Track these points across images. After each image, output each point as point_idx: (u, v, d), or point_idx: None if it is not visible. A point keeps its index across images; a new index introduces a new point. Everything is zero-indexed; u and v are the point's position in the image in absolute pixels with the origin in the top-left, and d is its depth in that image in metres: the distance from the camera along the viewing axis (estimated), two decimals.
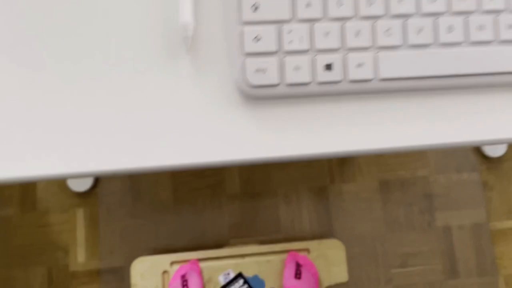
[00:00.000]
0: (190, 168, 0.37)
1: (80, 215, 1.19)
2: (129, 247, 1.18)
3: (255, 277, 1.07)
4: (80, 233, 1.18)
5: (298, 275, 1.02)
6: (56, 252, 1.18)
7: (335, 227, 1.20)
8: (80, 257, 1.17)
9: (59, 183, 1.20)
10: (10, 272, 1.16)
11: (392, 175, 1.23)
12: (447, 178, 1.23)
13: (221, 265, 1.07)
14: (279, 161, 0.37)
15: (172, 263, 1.06)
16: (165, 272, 1.06)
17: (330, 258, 1.08)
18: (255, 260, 1.07)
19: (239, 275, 1.06)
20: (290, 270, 1.03)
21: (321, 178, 1.23)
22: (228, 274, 1.06)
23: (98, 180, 1.21)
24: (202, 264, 1.06)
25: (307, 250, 1.08)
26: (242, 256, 1.08)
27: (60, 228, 1.19)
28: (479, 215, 1.21)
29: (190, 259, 1.06)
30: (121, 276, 1.17)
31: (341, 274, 1.08)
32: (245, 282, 1.06)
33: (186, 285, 1.00)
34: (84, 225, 1.19)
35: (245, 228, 1.20)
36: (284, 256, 1.07)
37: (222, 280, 1.06)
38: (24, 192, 1.20)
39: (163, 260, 1.07)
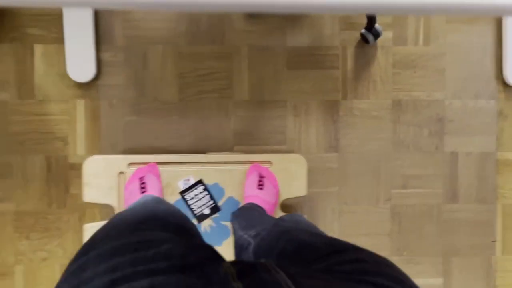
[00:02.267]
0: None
1: (80, 106, 1.18)
2: (129, 143, 1.19)
3: (215, 185, 1.09)
4: (80, 125, 1.18)
5: (260, 185, 1.05)
6: (55, 142, 1.18)
7: (341, 143, 1.21)
8: (79, 150, 1.18)
9: (59, 71, 1.17)
10: (8, 159, 1.17)
11: (407, 95, 1.22)
12: (463, 104, 1.22)
13: (181, 171, 1.08)
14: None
15: (130, 164, 1.07)
16: (121, 173, 1.06)
17: (291, 172, 1.10)
18: (216, 168, 1.09)
19: (199, 182, 1.08)
20: (253, 181, 1.06)
21: (333, 92, 1.21)
22: (188, 180, 1.08)
23: (100, 72, 1.18)
24: (162, 168, 1.07)
25: (269, 162, 1.10)
26: (203, 163, 1.09)
27: (60, 118, 1.18)
28: (489, 143, 1.23)
29: (149, 162, 1.06)
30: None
31: (300, 188, 1.11)
32: (205, 189, 1.08)
33: (144, 187, 1.00)
34: (85, 118, 1.18)
35: (250, 137, 1.21)
36: (245, 167, 1.09)
37: (182, 186, 1.08)
38: (21, 78, 1.17)
39: (120, 161, 1.06)
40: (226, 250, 0.98)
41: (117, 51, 1.18)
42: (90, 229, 1.06)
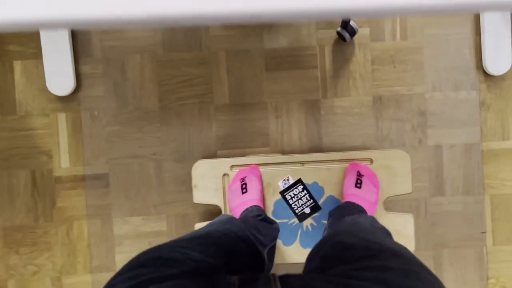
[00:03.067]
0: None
1: (62, 119, 1.20)
2: (113, 153, 1.21)
3: (314, 184, 1.11)
4: (63, 138, 1.20)
5: (358, 184, 1.05)
6: (39, 156, 1.20)
7: (324, 141, 1.23)
8: (63, 163, 1.20)
9: (39, 86, 1.20)
10: None
11: (387, 90, 1.23)
12: (444, 96, 1.23)
13: (280, 171, 1.11)
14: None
15: (232, 166, 1.11)
16: (225, 175, 1.11)
17: (393, 168, 1.09)
18: (315, 168, 1.11)
19: (299, 181, 1.10)
20: (351, 179, 1.06)
21: (313, 91, 1.23)
22: (288, 179, 1.11)
23: (80, 84, 1.20)
24: (262, 169, 1.10)
25: (370, 160, 1.10)
26: (302, 163, 1.11)
27: (42, 133, 1.20)
28: (473, 134, 1.24)
29: (251, 163, 1.11)
30: (106, 182, 1.20)
31: (404, 185, 1.09)
32: (304, 188, 1.10)
33: (245, 188, 1.05)
34: (67, 130, 1.20)
35: (233, 140, 1.22)
36: (345, 165, 1.10)
37: (281, 185, 1.11)
38: (2, 94, 1.19)
39: (224, 164, 1.11)
40: None
41: (96, 62, 1.20)
42: (198, 227, 1.10)
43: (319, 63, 1.22)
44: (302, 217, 1.10)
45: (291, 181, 1.10)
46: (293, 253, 1.10)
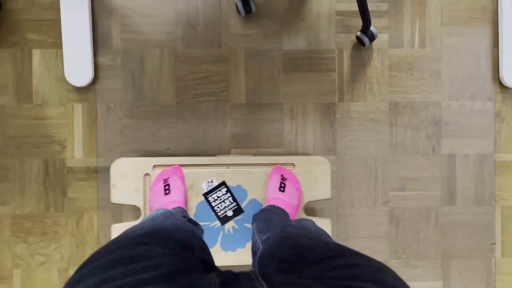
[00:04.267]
0: None
1: (78, 110, 1.21)
2: (127, 146, 1.22)
3: (238, 187, 1.12)
4: (78, 129, 1.21)
5: (282, 188, 1.07)
6: (53, 146, 1.21)
7: (338, 145, 1.24)
8: (77, 153, 1.21)
9: (57, 76, 1.21)
10: (6, 162, 1.21)
11: (403, 97, 1.24)
12: (460, 105, 1.25)
13: (204, 173, 1.11)
14: None
15: (155, 166, 1.11)
16: (146, 174, 1.10)
17: (314, 174, 1.13)
18: (239, 171, 1.12)
19: (223, 184, 1.11)
20: (275, 183, 1.08)
21: (330, 95, 1.24)
22: (212, 182, 1.12)
23: (97, 76, 1.21)
24: (185, 170, 1.11)
25: (292, 164, 1.13)
26: (226, 165, 1.12)
27: (57, 122, 1.21)
28: (486, 145, 1.25)
29: (173, 164, 1.10)
30: None
31: (324, 190, 1.13)
32: (228, 190, 1.11)
33: (169, 189, 1.04)
34: (82, 121, 1.21)
35: (247, 140, 1.24)
36: (268, 169, 1.12)
37: (205, 187, 1.11)
38: (19, 82, 1.21)
39: (145, 163, 1.11)
40: (249, 253, 1.00)
41: (114, 55, 1.22)
42: (117, 228, 1.09)
43: (336, 67, 1.24)
44: (224, 220, 1.11)
45: (215, 183, 1.11)
46: (213, 256, 1.09)
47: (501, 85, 1.25)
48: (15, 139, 1.21)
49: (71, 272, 1.22)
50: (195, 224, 0.98)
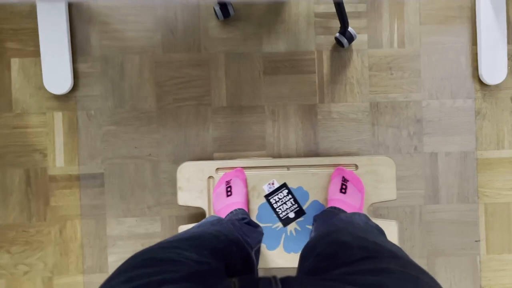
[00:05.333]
0: None
1: (58, 118, 1.22)
2: (109, 153, 1.23)
3: (299, 188, 1.13)
4: (59, 137, 1.22)
5: (343, 189, 1.07)
6: (34, 154, 1.22)
7: (320, 146, 1.25)
8: (58, 162, 1.22)
9: (36, 84, 1.22)
10: None
11: (384, 97, 1.26)
12: (440, 104, 1.27)
13: (266, 175, 1.13)
14: None
15: (218, 169, 1.13)
16: (210, 177, 1.13)
17: (379, 175, 1.12)
18: (300, 172, 1.13)
19: (284, 185, 1.13)
20: (336, 184, 1.09)
21: (310, 96, 1.26)
22: (273, 183, 1.13)
23: (77, 83, 1.22)
24: (247, 173, 1.13)
25: (355, 165, 1.13)
26: (287, 167, 1.14)
27: (38, 131, 1.22)
28: (468, 143, 1.27)
29: (236, 166, 1.13)
30: (101, 182, 1.22)
31: (389, 191, 1.12)
32: (289, 192, 1.13)
33: (230, 191, 1.07)
34: (63, 129, 1.22)
35: (229, 143, 1.25)
36: (330, 170, 1.13)
37: (266, 189, 1.13)
38: None
39: (209, 166, 1.14)
40: None
41: (94, 62, 1.23)
42: (184, 230, 1.10)
43: (316, 68, 1.26)
44: (286, 221, 1.13)
45: (276, 185, 1.13)
46: (276, 258, 1.12)
47: (481, 82, 1.27)
48: None
49: (55, 281, 1.23)
50: (255, 226, 1.01)
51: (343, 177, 1.10)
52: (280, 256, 1.12)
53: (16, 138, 1.22)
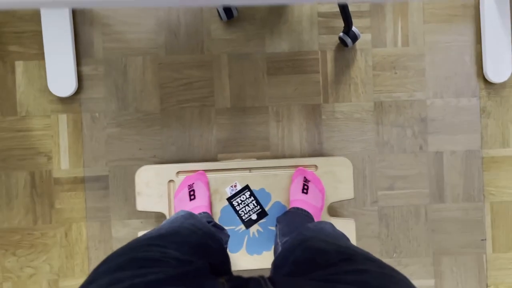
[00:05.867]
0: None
1: (63, 121, 1.23)
2: (113, 155, 1.23)
3: (262, 190, 1.14)
4: (63, 139, 1.23)
5: (305, 190, 1.08)
6: (39, 157, 1.23)
7: (325, 146, 1.26)
8: (63, 164, 1.23)
9: (40, 87, 1.22)
10: None
11: (388, 96, 1.26)
12: (445, 102, 1.27)
13: (227, 177, 1.14)
14: None
15: (178, 172, 1.13)
16: (171, 181, 1.13)
17: (337, 175, 1.14)
18: (262, 174, 1.14)
19: (246, 187, 1.13)
20: (298, 185, 1.10)
21: (314, 96, 1.26)
22: (235, 186, 1.14)
23: (81, 86, 1.23)
24: (209, 175, 1.13)
25: (315, 166, 1.15)
26: (249, 169, 1.14)
27: (42, 134, 1.23)
28: (473, 141, 1.27)
29: (197, 170, 1.13)
30: (106, 184, 1.23)
31: (347, 191, 1.15)
32: (251, 194, 1.13)
33: (193, 194, 1.07)
34: (67, 132, 1.23)
35: (233, 144, 1.25)
36: (291, 171, 1.14)
37: (229, 192, 1.14)
38: (2, 95, 1.22)
39: (169, 170, 1.13)
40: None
41: (97, 64, 1.23)
42: None
43: (320, 68, 1.26)
44: (248, 223, 1.13)
45: (239, 187, 1.13)
46: (239, 260, 1.13)
47: (486, 81, 1.27)
48: (0, 153, 1.22)
49: (61, 283, 1.23)
50: (221, 228, 1.01)
51: (305, 177, 1.11)
52: (242, 258, 1.13)
53: (21, 141, 1.22)
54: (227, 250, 1.08)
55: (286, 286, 0.48)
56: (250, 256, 1.13)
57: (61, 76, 1.20)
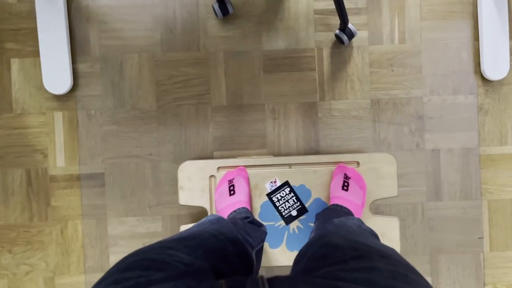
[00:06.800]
0: None
1: (58, 118, 1.23)
2: (109, 153, 1.24)
3: (301, 186, 1.14)
4: (59, 137, 1.23)
5: (345, 186, 1.08)
6: (35, 155, 1.23)
7: (321, 144, 1.26)
8: (59, 162, 1.23)
9: (36, 84, 1.23)
10: None
11: (385, 93, 1.26)
12: (442, 100, 1.27)
13: (268, 173, 1.14)
14: None
15: (219, 168, 1.14)
16: (212, 176, 1.14)
17: (380, 171, 1.13)
18: (302, 170, 1.14)
19: (286, 183, 1.14)
20: (338, 182, 1.09)
21: (311, 94, 1.26)
22: (275, 182, 1.14)
23: (77, 83, 1.23)
24: (249, 171, 1.13)
25: (356, 162, 1.14)
26: (289, 165, 1.15)
27: (38, 131, 1.23)
28: (470, 139, 1.27)
29: (238, 165, 1.14)
30: (102, 182, 1.23)
31: (390, 188, 1.14)
32: (291, 190, 1.13)
33: (233, 189, 1.08)
34: (63, 129, 1.23)
35: (230, 142, 1.25)
36: (332, 167, 1.14)
37: (268, 188, 1.14)
38: None
39: (211, 165, 1.14)
40: None
41: (93, 61, 1.24)
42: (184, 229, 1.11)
43: (317, 66, 1.26)
44: (288, 219, 1.13)
45: (278, 183, 1.13)
46: (279, 256, 1.13)
47: (483, 78, 1.27)
48: None
49: (57, 281, 1.24)
50: (259, 225, 1.01)
51: (345, 174, 1.10)
52: (282, 255, 1.13)
53: (17, 139, 1.23)
54: (265, 247, 1.10)
55: (282, 286, 0.48)
56: (290, 252, 1.13)
57: (56, 74, 1.20)
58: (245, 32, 1.25)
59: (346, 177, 1.09)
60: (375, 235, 0.77)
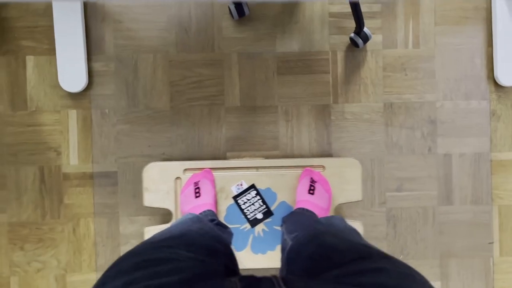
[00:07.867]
0: None
1: (73, 116, 1.24)
2: (122, 152, 1.25)
3: (268, 190, 1.15)
4: (73, 135, 1.24)
5: (311, 190, 1.09)
6: (48, 152, 1.24)
7: (334, 147, 1.27)
8: (72, 160, 1.24)
9: (51, 82, 1.24)
10: (1, 170, 1.24)
11: (398, 97, 1.27)
12: (454, 105, 1.28)
13: (234, 176, 1.15)
14: None
15: (185, 170, 1.15)
16: (177, 178, 1.14)
17: (345, 176, 1.15)
18: (268, 173, 1.15)
19: (252, 186, 1.15)
20: (304, 185, 1.10)
21: (324, 96, 1.27)
22: (241, 185, 1.15)
23: (92, 82, 1.24)
24: (215, 174, 1.14)
25: (322, 166, 1.15)
26: (256, 168, 1.16)
27: (52, 129, 1.24)
28: (482, 144, 1.28)
29: (204, 167, 1.14)
30: (114, 181, 1.25)
31: (355, 192, 1.15)
32: (257, 193, 1.14)
33: (199, 192, 1.08)
34: (77, 127, 1.24)
35: (242, 143, 1.26)
36: (298, 171, 1.15)
37: (235, 190, 1.15)
38: (13, 89, 1.24)
39: (177, 167, 1.15)
40: (279, 255, 1.02)
41: (108, 61, 1.25)
42: (150, 231, 1.12)
43: (331, 68, 1.27)
44: (254, 222, 1.14)
45: (245, 186, 1.14)
46: (244, 259, 1.13)
47: (496, 84, 1.28)
48: (10, 147, 1.24)
49: (68, 278, 1.25)
50: (224, 227, 1.01)
51: (311, 178, 1.11)
52: (247, 257, 1.14)
53: (31, 136, 1.24)
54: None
55: (299, 286, 0.48)
56: (254, 255, 1.14)
57: (71, 72, 1.21)
58: (260, 34, 1.26)
59: (313, 181, 1.11)
60: (359, 234, 0.78)
